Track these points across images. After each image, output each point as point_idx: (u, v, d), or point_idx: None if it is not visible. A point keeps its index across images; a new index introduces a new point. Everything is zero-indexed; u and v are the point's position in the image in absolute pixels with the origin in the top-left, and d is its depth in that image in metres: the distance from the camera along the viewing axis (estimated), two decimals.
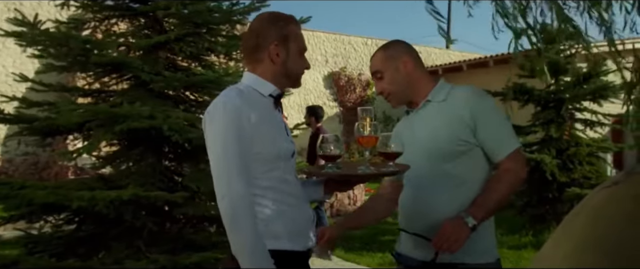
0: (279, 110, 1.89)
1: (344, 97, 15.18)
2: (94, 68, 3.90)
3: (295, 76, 1.88)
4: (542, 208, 6.95)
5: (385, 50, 2.11)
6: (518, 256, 6.04)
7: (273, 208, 1.75)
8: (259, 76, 1.84)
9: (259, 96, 1.81)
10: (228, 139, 1.67)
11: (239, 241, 1.65)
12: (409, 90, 2.06)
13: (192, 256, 3.43)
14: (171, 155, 4.29)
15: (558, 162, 6.79)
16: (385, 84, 2.06)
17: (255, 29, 1.87)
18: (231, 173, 1.66)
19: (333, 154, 1.87)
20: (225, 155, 1.67)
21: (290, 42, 1.84)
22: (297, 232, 1.80)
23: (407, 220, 2.04)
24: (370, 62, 2.15)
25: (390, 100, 2.09)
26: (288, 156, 1.82)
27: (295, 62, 1.86)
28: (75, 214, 3.93)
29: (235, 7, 4.15)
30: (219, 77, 3.97)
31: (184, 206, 3.54)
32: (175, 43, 4.12)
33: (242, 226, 1.64)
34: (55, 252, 3.78)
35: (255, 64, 1.85)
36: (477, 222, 1.79)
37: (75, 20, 4.32)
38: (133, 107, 3.42)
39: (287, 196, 1.79)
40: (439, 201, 1.93)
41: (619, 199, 1.49)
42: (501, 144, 1.93)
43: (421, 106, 2.05)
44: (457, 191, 1.92)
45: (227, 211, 1.65)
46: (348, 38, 15.73)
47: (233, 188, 1.65)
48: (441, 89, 2.05)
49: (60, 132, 3.99)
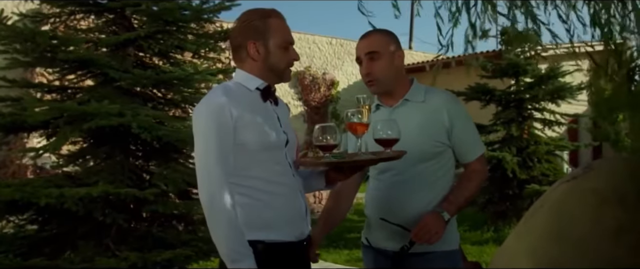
0: (270, 102, 1.90)
1: (308, 97, 15.19)
2: (60, 64, 3.83)
3: (279, 70, 1.88)
4: (503, 205, 7.17)
5: (386, 35, 2.11)
6: (480, 251, 6.20)
7: (260, 197, 1.77)
8: (247, 72, 1.87)
9: (245, 90, 1.84)
10: (209, 134, 1.72)
11: (217, 234, 1.68)
12: (394, 83, 2.09)
13: (163, 254, 3.41)
14: (139, 153, 4.26)
15: (518, 160, 7.02)
16: (376, 68, 2.05)
17: (235, 28, 1.89)
18: (210, 164, 1.70)
19: (330, 143, 1.85)
20: (206, 151, 1.72)
21: (270, 38, 1.84)
22: (289, 222, 1.81)
23: (379, 212, 2.09)
24: (366, 41, 2.10)
25: (373, 84, 2.09)
26: (280, 146, 1.83)
27: (277, 56, 1.85)
28: (39, 214, 3.85)
29: (205, 6, 4.14)
30: (188, 75, 3.96)
31: (154, 203, 3.52)
32: (144, 40, 4.08)
33: (220, 219, 1.68)
34: (20, 252, 3.70)
35: (240, 62, 1.89)
36: (450, 216, 1.95)
37: (40, 15, 4.23)
38: (101, 105, 3.39)
39: (275, 185, 1.80)
40: (414, 197, 2.02)
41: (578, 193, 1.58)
42: (472, 148, 2.09)
43: (400, 104, 2.09)
44: (430, 188, 2.03)
45: (206, 201, 1.70)
46: (312, 37, 15.75)
47: (212, 179, 1.69)
48: (418, 89, 2.11)
49: (25, 129, 3.90)
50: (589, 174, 1.66)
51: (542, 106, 7.47)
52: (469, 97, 7.48)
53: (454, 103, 2.10)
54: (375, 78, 2.06)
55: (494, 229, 6.94)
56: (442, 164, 2.06)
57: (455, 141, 2.05)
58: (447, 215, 1.93)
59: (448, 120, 2.02)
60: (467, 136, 2.08)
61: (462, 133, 2.05)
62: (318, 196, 9.53)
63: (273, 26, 1.85)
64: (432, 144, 2.02)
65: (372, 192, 2.17)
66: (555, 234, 1.53)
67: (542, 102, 7.44)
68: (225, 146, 1.72)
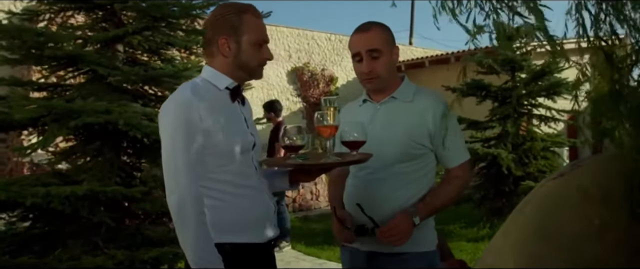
0: (238, 102, 1.85)
1: (307, 93, 15.16)
2: (48, 61, 3.81)
3: (250, 68, 1.83)
4: (499, 201, 7.15)
5: (386, 31, 2.04)
6: (476, 248, 6.18)
7: (230, 201, 1.74)
8: (216, 69, 1.81)
9: (215, 89, 1.79)
10: (177, 134, 1.66)
11: (185, 238, 1.64)
12: (390, 79, 2.05)
13: (151, 251, 3.40)
14: (130, 150, 4.24)
15: (514, 156, 6.98)
16: (379, 66, 1.99)
17: (207, 22, 1.86)
18: (178, 169, 1.65)
19: (296, 144, 1.85)
20: (173, 151, 1.66)
21: (242, 34, 1.78)
22: (256, 224, 1.79)
23: (354, 209, 2.06)
24: (366, 37, 2.01)
25: (373, 82, 2.03)
26: (247, 149, 1.80)
27: (249, 54, 1.80)
28: (29, 211, 3.84)
29: (195, 1, 4.11)
30: (178, 71, 3.94)
31: (142, 201, 3.51)
32: (133, 37, 4.06)
33: (188, 223, 1.63)
34: (9, 249, 3.69)
35: (210, 57, 1.84)
36: (420, 220, 1.90)
37: (30, 12, 4.21)
38: (87, 102, 3.36)
39: (244, 188, 1.77)
40: (388, 197, 1.98)
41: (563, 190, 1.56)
42: (456, 154, 2.03)
43: (385, 101, 2.05)
44: (406, 188, 1.99)
45: (174, 207, 1.64)
46: (312, 33, 15.70)
47: (180, 184, 1.64)
48: (407, 88, 2.07)
49: (14, 128, 3.88)
50: (575, 171, 1.64)
51: (539, 102, 7.43)
52: (464, 93, 7.44)
53: (441, 106, 2.01)
54: (377, 76, 2.01)
55: (490, 226, 6.92)
56: (421, 166, 2.02)
57: (437, 146, 1.99)
58: (418, 220, 1.89)
59: (432, 123, 1.96)
60: (451, 142, 1.98)
61: (447, 138, 1.96)
62: (315, 192, 9.53)
63: (247, 22, 1.79)
64: (411, 146, 1.97)
65: (348, 189, 2.14)
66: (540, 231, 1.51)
67: (538, 98, 7.39)
68: (193, 148, 1.67)
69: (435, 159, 2.05)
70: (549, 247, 1.41)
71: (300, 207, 9.12)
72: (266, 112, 6.43)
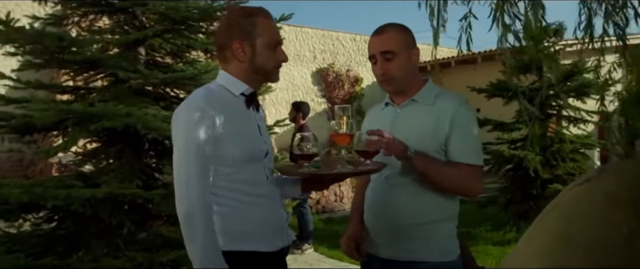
0: (253, 108, 1.84)
1: (332, 94, 15.17)
2: (70, 65, 3.86)
3: (266, 71, 1.81)
4: (526, 205, 6.99)
5: (402, 33, 1.99)
6: (502, 252, 6.06)
7: (241, 209, 1.72)
8: (231, 74, 1.79)
9: (230, 95, 1.77)
10: (189, 141, 1.64)
11: (192, 247, 1.61)
12: (408, 82, 1.99)
13: (170, 254, 3.41)
14: (151, 152, 4.27)
15: (541, 158, 6.82)
16: (393, 67, 1.95)
17: (220, 27, 1.83)
18: (190, 178, 1.63)
19: (310, 153, 1.85)
20: (186, 158, 1.65)
21: (256, 37, 1.76)
22: (267, 233, 1.77)
23: (374, 216, 2.03)
24: (381, 39, 1.98)
25: (389, 84, 1.99)
26: (260, 157, 1.78)
27: (265, 57, 1.78)
28: (54, 212, 3.89)
29: (215, 4, 4.11)
30: (198, 73, 3.94)
31: (162, 203, 3.51)
32: (154, 39, 4.09)
33: (196, 233, 1.60)
34: (34, 251, 3.74)
35: (224, 63, 1.82)
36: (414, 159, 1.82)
37: (54, 17, 4.27)
38: (107, 106, 3.39)
39: (256, 197, 1.75)
40: (407, 203, 1.92)
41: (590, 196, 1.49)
42: (463, 152, 1.91)
43: (405, 104, 2.00)
44: (425, 195, 1.92)
45: (183, 216, 1.62)
46: (336, 34, 15.71)
47: (191, 193, 1.62)
48: (429, 91, 2.01)
49: (38, 130, 3.94)
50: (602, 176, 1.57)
51: (567, 102, 7.25)
52: (490, 93, 7.31)
53: (462, 109, 1.94)
54: (392, 77, 1.96)
55: (516, 229, 6.77)
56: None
57: (448, 143, 1.90)
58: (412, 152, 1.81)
59: (449, 126, 1.89)
60: (462, 142, 1.90)
61: (456, 136, 1.90)
62: (339, 193, 9.49)
63: (260, 25, 1.78)
64: (430, 149, 1.90)
65: (367, 195, 2.10)
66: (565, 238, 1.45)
67: (567, 98, 7.21)
68: (205, 156, 1.65)
69: None
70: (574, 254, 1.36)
71: (324, 209, 9.08)
72: (294, 111, 6.37)
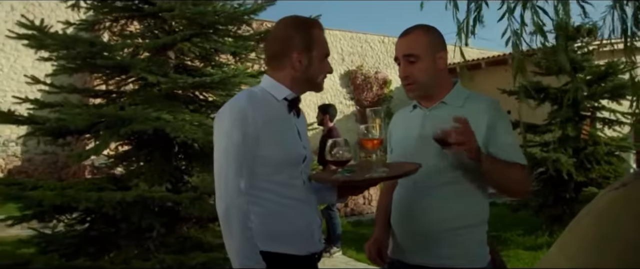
0: (294, 114, 1.87)
1: (360, 96, 15.13)
2: (102, 70, 3.94)
3: (315, 82, 1.88)
4: (559, 208, 6.83)
5: (427, 35, 1.94)
6: (534, 257, 5.94)
7: (275, 210, 1.75)
8: (278, 81, 1.83)
9: (273, 99, 1.81)
10: (230, 141, 1.69)
11: (230, 243, 1.66)
12: (434, 86, 1.95)
13: (199, 256, 3.44)
14: (181, 155, 4.32)
15: (575, 161, 6.66)
16: (416, 71, 1.91)
17: (279, 36, 1.86)
18: (229, 175, 1.67)
19: (343, 158, 1.83)
20: (226, 157, 1.69)
21: (314, 49, 1.82)
22: (300, 236, 1.79)
23: (402, 221, 1.99)
24: (405, 41, 1.94)
25: (412, 89, 1.95)
26: (298, 161, 1.81)
27: (317, 68, 1.84)
28: (86, 214, 3.97)
29: (242, 8, 4.14)
30: (226, 77, 3.97)
31: (191, 206, 3.55)
32: (183, 44, 4.14)
33: (233, 229, 1.65)
34: (67, 251, 3.83)
35: (276, 70, 1.85)
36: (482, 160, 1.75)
37: (86, 22, 4.36)
38: (137, 109, 3.44)
39: (291, 200, 1.78)
40: (438, 208, 1.88)
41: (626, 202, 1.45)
42: (514, 153, 1.86)
43: (435, 106, 1.96)
44: (458, 199, 1.87)
45: (222, 212, 1.67)
46: (364, 36, 15.67)
47: (229, 190, 1.67)
48: (459, 93, 1.97)
49: (71, 133, 4.03)
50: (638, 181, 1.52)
51: (601, 104, 7.07)
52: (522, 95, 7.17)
53: (495, 111, 1.88)
54: (414, 82, 1.93)
55: (549, 234, 6.62)
56: (476, 176, 1.87)
57: (495, 145, 1.85)
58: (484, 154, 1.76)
59: (485, 129, 1.84)
60: (507, 148, 1.85)
61: (499, 145, 1.84)
62: (368, 196, 9.44)
63: (317, 37, 1.84)
64: (461, 153, 1.82)
65: (395, 198, 2.05)
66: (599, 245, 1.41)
67: (601, 100, 7.03)
68: (245, 156, 1.69)
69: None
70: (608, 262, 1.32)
71: (352, 212, 9.04)
72: (320, 114, 6.39)
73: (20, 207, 3.78)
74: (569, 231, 1.63)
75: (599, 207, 1.59)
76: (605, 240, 1.41)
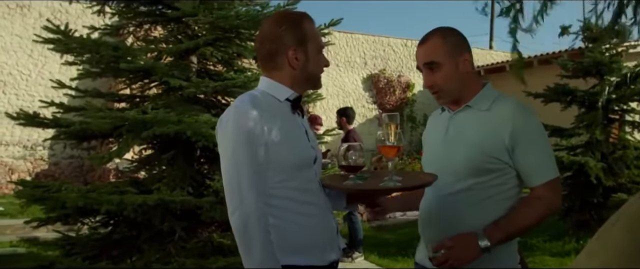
0: (298, 114, 1.79)
1: (383, 100, 15.06)
2: (125, 74, 3.97)
3: (316, 78, 1.79)
4: (586, 214, 6.66)
5: (446, 40, 1.85)
6: (560, 263, 5.80)
7: (292, 219, 1.65)
8: (276, 81, 1.74)
9: (275, 100, 1.72)
10: (238, 147, 1.58)
11: (251, 258, 1.55)
12: (460, 91, 1.86)
13: (219, 261, 3.43)
14: (203, 159, 4.33)
15: (603, 165, 6.50)
16: (439, 79, 1.83)
17: (269, 34, 1.74)
18: (242, 186, 1.57)
19: (356, 164, 1.76)
20: (235, 165, 1.58)
21: (308, 42, 1.73)
22: (318, 245, 1.70)
23: (426, 227, 1.93)
24: (423, 49, 1.87)
25: (439, 97, 1.88)
26: (309, 163, 1.72)
27: (316, 62, 1.76)
28: (109, 217, 4.00)
29: (264, 11, 4.14)
30: (248, 81, 3.97)
31: (212, 210, 3.55)
32: (206, 48, 4.15)
33: (254, 243, 1.54)
34: (90, 254, 3.86)
35: (273, 70, 1.75)
36: (491, 244, 1.67)
37: (110, 27, 4.41)
38: (159, 113, 3.45)
39: (307, 206, 1.69)
40: (460, 214, 1.80)
41: None
42: (538, 171, 1.76)
43: (461, 110, 1.88)
44: (481, 206, 1.78)
45: (238, 226, 1.56)
46: (387, 40, 15.60)
47: (245, 201, 1.55)
48: (486, 96, 1.87)
49: (95, 137, 4.07)
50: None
51: (631, 107, 6.89)
52: (547, 98, 7.04)
53: (522, 116, 1.77)
54: (439, 90, 1.85)
55: (576, 239, 6.47)
56: (501, 182, 1.78)
57: (518, 161, 1.75)
58: (486, 242, 1.66)
59: (510, 136, 1.73)
60: (533, 157, 1.75)
61: (527, 152, 1.74)
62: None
63: (309, 31, 1.74)
64: (484, 160, 1.76)
65: (421, 203, 1.98)
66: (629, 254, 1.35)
67: (631, 103, 6.85)
68: (256, 161, 1.59)
69: (517, 176, 1.79)
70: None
71: None
72: (338, 117, 6.43)
73: (45, 209, 3.83)
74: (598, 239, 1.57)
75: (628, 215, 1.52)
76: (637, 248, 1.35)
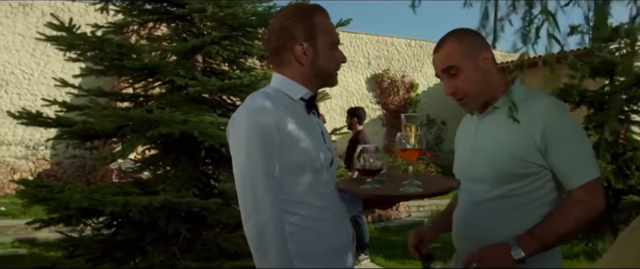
0: (313, 113, 1.69)
1: (387, 100, 14.97)
2: (129, 72, 3.89)
3: (328, 74, 1.67)
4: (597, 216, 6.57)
5: (461, 42, 1.74)
6: (571, 266, 5.73)
7: (305, 225, 1.56)
8: (289, 78, 1.64)
9: (289, 100, 1.62)
10: (252, 149, 1.49)
11: (265, 267, 1.46)
12: (486, 93, 1.74)
13: (225, 264, 3.36)
14: (208, 160, 4.25)
15: (613, 167, 6.40)
16: (461, 83, 1.72)
17: (276, 28, 1.64)
18: (257, 190, 1.47)
19: (373, 168, 1.65)
20: (249, 168, 1.49)
21: (318, 37, 1.61)
22: (334, 251, 1.62)
23: (458, 239, 1.83)
24: (439, 55, 1.76)
25: (465, 103, 1.76)
26: (325, 165, 1.62)
27: (327, 58, 1.63)
28: (113, 218, 3.93)
29: (273, 9, 4.06)
30: (255, 80, 3.89)
31: (218, 212, 3.46)
32: (212, 47, 4.07)
33: (270, 252, 1.45)
34: (93, 256, 3.79)
35: (281, 67, 1.66)
36: (526, 255, 1.55)
37: (114, 25, 4.33)
38: (164, 113, 3.38)
39: (322, 210, 1.59)
40: (494, 222, 1.69)
41: None
42: (575, 172, 1.63)
43: (488, 112, 1.77)
44: (516, 213, 1.66)
45: (253, 233, 1.46)
46: (391, 39, 15.51)
47: (261, 207, 1.46)
48: (514, 94, 1.70)
49: (98, 136, 3.99)
50: None
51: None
52: None
53: (553, 114, 1.64)
54: (463, 95, 1.73)
55: (586, 242, 6.38)
56: (537, 186, 1.66)
57: (552, 162, 1.63)
58: (520, 253, 1.54)
59: (541, 136, 1.61)
60: (569, 157, 1.62)
61: (561, 152, 1.61)
62: None
63: (319, 24, 1.63)
64: (515, 164, 1.64)
65: (454, 214, 1.88)
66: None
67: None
68: (272, 165, 1.50)
69: (553, 178, 1.67)
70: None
71: (379, 217, 8.88)
72: (348, 117, 6.34)
73: (47, 209, 3.76)
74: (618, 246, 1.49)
75: None
76: None
